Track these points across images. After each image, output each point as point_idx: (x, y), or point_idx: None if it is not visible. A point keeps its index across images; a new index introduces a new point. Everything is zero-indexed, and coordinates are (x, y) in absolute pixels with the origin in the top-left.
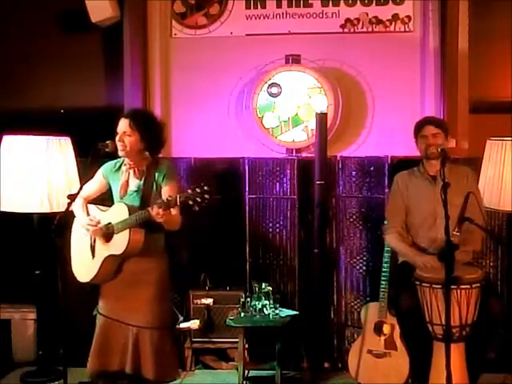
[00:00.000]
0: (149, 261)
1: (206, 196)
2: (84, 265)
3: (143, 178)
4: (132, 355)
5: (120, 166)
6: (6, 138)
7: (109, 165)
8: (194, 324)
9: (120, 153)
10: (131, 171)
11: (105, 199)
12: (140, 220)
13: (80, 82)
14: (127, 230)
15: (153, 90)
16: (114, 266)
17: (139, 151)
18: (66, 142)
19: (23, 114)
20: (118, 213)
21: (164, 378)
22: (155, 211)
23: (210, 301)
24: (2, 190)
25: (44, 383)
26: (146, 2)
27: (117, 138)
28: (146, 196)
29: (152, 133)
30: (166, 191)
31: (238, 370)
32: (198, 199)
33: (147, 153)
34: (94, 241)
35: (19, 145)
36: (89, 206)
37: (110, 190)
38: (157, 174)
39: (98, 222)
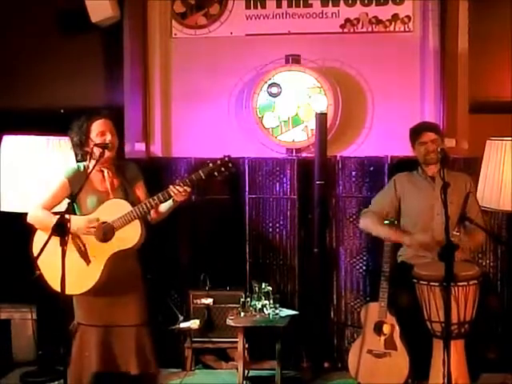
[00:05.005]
0: (126, 261)
1: (230, 165)
2: (75, 275)
3: (121, 177)
4: (137, 354)
5: (82, 170)
6: (6, 138)
7: (72, 170)
8: (194, 324)
9: (107, 154)
10: (109, 172)
11: None
12: (150, 207)
13: (80, 82)
14: (136, 222)
15: (153, 90)
16: (114, 266)
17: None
18: (66, 142)
19: (23, 114)
20: (115, 209)
21: (157, 372)
22: (177, 190)
23: (209, 301)
24: (2, 190)
25: (44, 383)
26: (146, 2)
27: (105, 139)
28: (127, 194)
29: (120, 132)
30: (141, 190)
31: (237, 369)
32: (223, 169)
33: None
34: (84, 246)
35: (19, 145)
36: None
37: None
38: (130, 173)
39: (98, 219)
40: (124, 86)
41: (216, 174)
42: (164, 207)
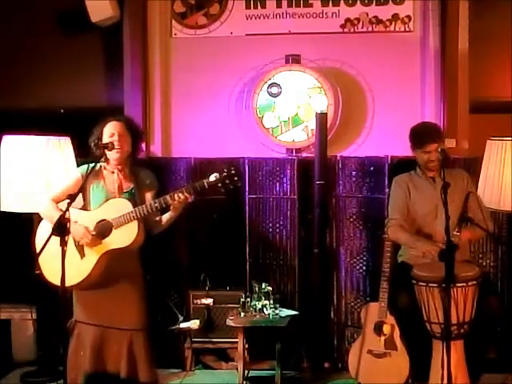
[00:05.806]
0: (128, 262)
1: (235, 178)
2: (67, 267)
3: (132, 181)
4: (127, 359)
5: (97, 169)
6: (6, 138)
7: (86, 167)
8: (194, 324)
9: (115, 155)
10: (120, 174)
11: None
12: (149, 210)
13: (80, 82)
14: (134, 222)
15: (153, 90)
16: (107, 264)
17: (128, 155)
18: (66, 141)
19: (23, 114)
20: (116, 208)
21: (155, 378)
22: (177, 196)
23: (210, 301)
24: (2, 190)
25: (44, 383)
26: (146, 2)
27: (113, 140)
28: (135, 199)
29: (139, 137)
30: (149, 197)
31: (238, 370)
32: (227, 181)
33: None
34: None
35: (19, 145)
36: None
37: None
38: (142, 179)
39: (94, 235)
40: (124, 86)
41: (220, 185)
42: (165, 217)
